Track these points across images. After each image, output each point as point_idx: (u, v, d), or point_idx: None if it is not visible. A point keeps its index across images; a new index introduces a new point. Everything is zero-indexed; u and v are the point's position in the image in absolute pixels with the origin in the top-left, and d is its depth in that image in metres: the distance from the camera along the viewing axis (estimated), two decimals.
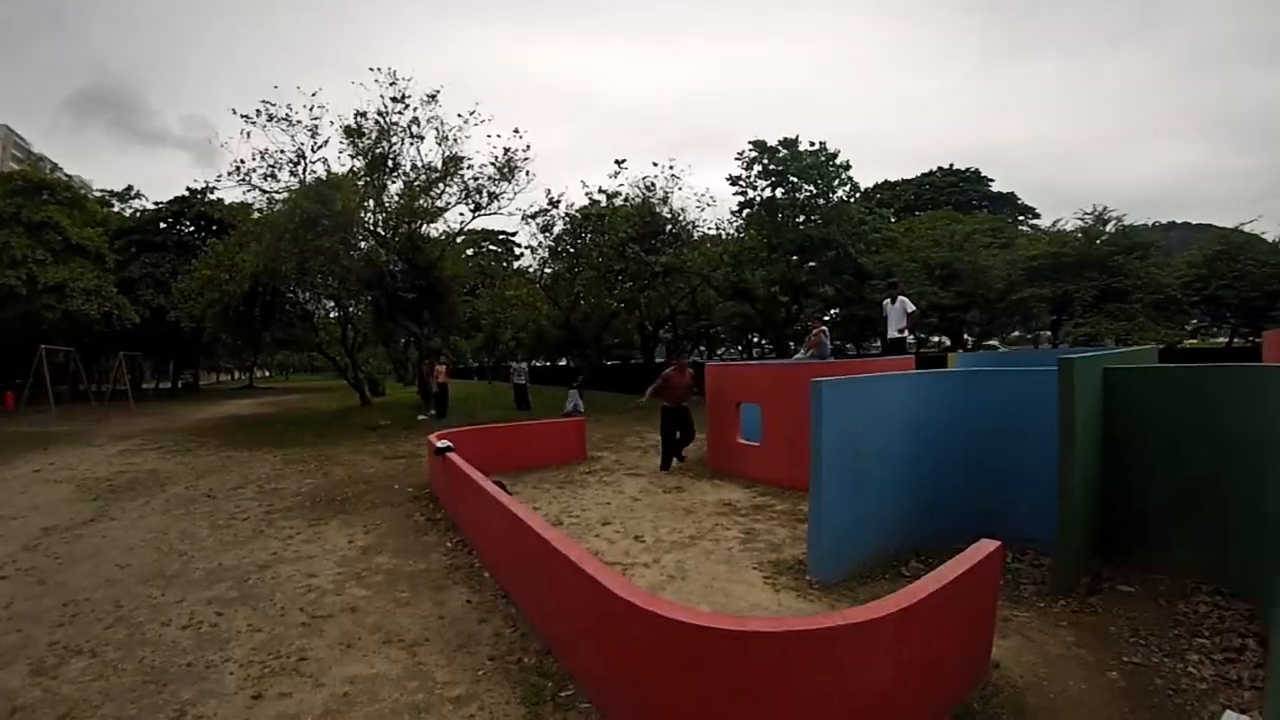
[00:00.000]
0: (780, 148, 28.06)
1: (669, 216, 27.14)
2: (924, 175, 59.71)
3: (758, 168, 28.57)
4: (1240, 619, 5.00)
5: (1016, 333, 31.42)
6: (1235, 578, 5.41)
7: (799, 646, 3.23)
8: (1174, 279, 23.20)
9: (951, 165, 59.16)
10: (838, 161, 27.81)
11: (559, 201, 27.66)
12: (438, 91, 24.08)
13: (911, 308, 14.15)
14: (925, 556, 6.35)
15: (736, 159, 29.00)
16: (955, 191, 54.76)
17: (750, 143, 28.64)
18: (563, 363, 45.14)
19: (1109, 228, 24.10)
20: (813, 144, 27.93)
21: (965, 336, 28.27)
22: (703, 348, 39.51)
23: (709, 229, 29.09)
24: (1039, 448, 5.98)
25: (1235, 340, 24.38)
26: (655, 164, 41.12)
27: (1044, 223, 37.23)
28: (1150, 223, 27.04)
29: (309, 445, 17.08)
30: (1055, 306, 23.70)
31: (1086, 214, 24.72)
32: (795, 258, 28.42)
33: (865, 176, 63.10)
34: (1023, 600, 5.57)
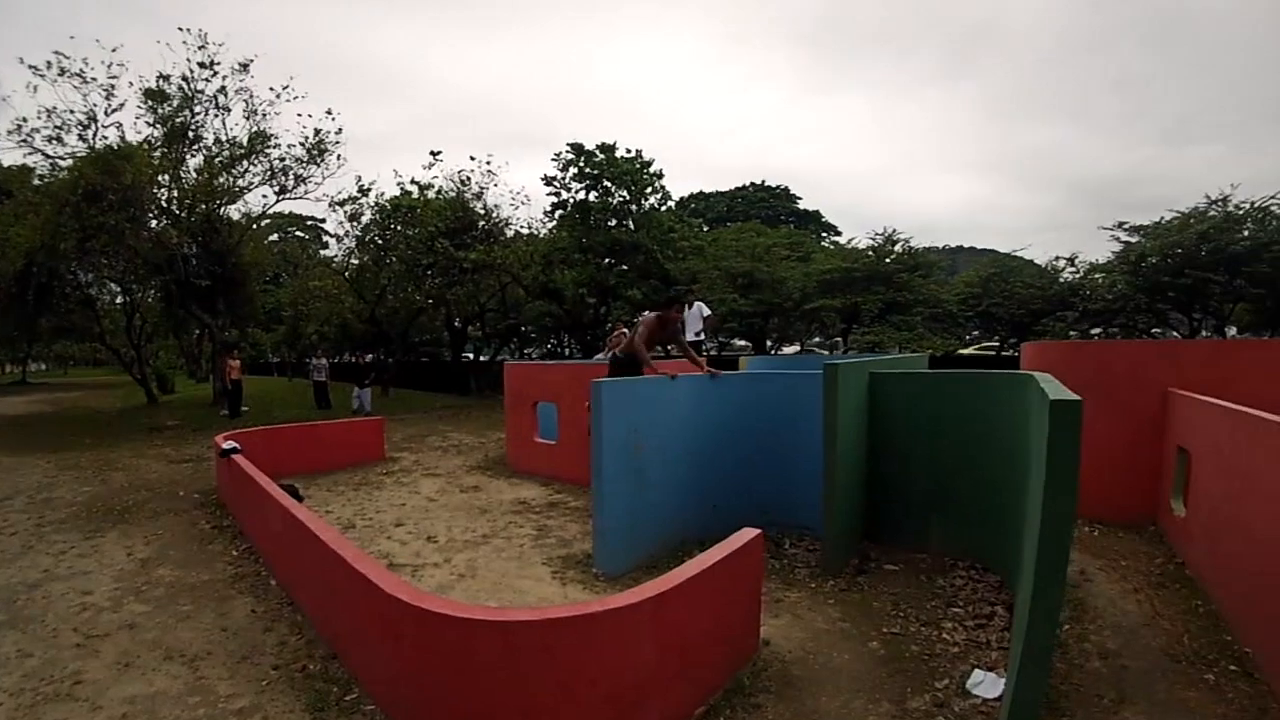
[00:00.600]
0: (598, 152, 28.77)
1: (482, 212, 27.02)
2: (737, 189, 62.32)
3: (574, 170, 29.19)
4: (991, 589, 5.73)
5: (818, 339, 33.44)
6: (986, 554, 6.22)
7: (560, 633, 3.44)
8: (952, 296, 25.51)
9: (763, 181, 62.01)
10: (652, 170, 28.82)
11: (369, 189, 26.96)
12: (250, 61, 22.93)
13: (707, 312, 14.83)
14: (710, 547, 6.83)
15: (553, 160, 29.53)
16: (765, 206, 57.37)
17: (568, 145, 29.24)
18: (369, 358, 44.01)
19: (897, 248, 25.82)
20: (629, 151, 28.85)
21: (767, 342, 29.70)
22: (512, 345, 39.48)
23: (522, 227, 29.25)
24: (813, 444, 6.44)
25: (1005, 350, 26.88)
26: (472, 158, 40.75)
27: (844, 240, 39.65)
28: (941, 245, 29.42)
29: (87, 449, 15.94)
30: (846, 316, 25.32)
31: (878, 234, 26.45)
32: (606, 260, 29.09)
33: (683, 187, 65.15)
34: (797, 582, 6.14)
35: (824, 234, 54.56)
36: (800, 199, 61.55)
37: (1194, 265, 20.51)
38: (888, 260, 25.07)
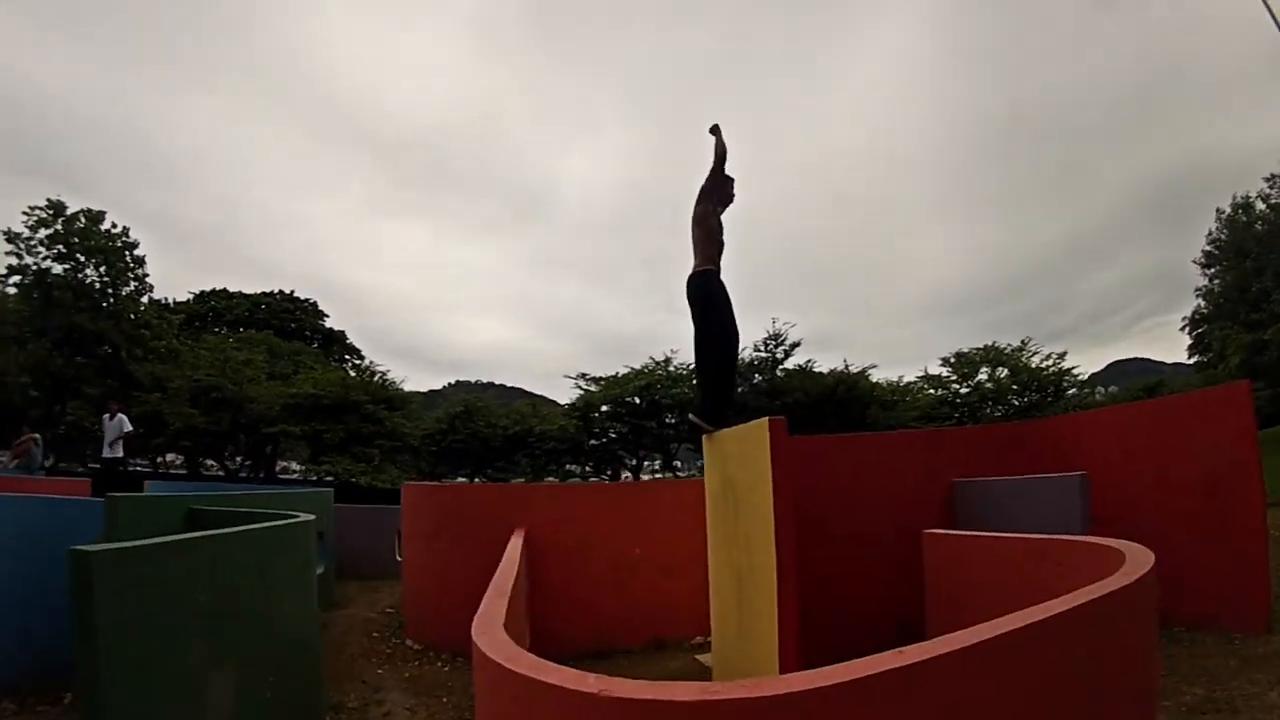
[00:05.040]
0: (81, 218, 24.83)
1: None
2: (263, 294, 58.83)
3: (46, 231, 24.47)
4: None
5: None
6: None
7: None
8: (416, 430, 26.76)
9: (292, 291, 59.40)
10: (137, 252, 25.98)
11: None
12: None
13: (128, 427, 14.27)
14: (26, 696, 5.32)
15: (24, 214, 24.29)
16: (290, 317, 54.92)
17: (49, 201, 24.56)
18: None
19: (376, 379, 26.98)
20: (115, 225, 25.51)
21: (234, 462, 28.52)
22: None
23: None
24: None
25: (477, 479, 28.77)
26: None
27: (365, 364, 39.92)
28: (474, 380, 30.64)
29: None
30: (310, 442, 25.61)
31: (359, 365, 27.57)
32: (65, 349, 25.62)
33: (212, 279, 60.16)
34: None
35: (347, 356, 54.10)
36: (328, 316, 60.53)
37: (634, 414, 25.25)
38: (367, 392, 26.02)
